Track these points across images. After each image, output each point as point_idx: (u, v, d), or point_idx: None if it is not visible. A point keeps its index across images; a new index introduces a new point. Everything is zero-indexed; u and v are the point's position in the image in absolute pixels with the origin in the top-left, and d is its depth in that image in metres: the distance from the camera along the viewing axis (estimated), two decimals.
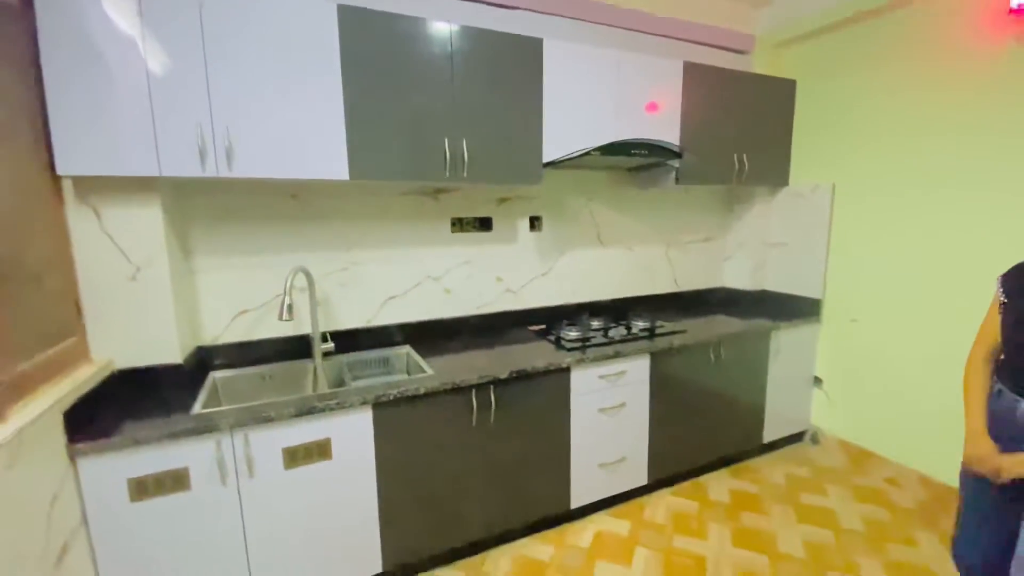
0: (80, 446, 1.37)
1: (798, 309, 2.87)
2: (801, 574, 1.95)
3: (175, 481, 1.48)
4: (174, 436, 1.45)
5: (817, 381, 2.90)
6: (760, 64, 2.98)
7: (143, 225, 1.67)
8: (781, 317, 2.75)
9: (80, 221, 1.60)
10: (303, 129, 1.71)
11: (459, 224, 2.42)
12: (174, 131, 1.55)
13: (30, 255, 1.40)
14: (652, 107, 2.36)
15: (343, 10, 1.72)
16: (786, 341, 2.71)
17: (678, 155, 2.36)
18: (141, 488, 1.44)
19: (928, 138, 2.33)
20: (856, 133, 2.63)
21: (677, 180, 2.47)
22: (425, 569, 1.97)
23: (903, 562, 2.02)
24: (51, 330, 1.47)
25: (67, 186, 1.57)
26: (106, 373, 1.64)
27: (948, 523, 2.11)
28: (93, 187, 1.60)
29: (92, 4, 1.44)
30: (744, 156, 2.67)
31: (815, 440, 2.94)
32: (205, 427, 1.48)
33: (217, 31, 1.57)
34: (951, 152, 2.27)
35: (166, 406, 1.60)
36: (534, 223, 2.59)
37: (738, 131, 2.65)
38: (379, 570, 1.83)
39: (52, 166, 1.47)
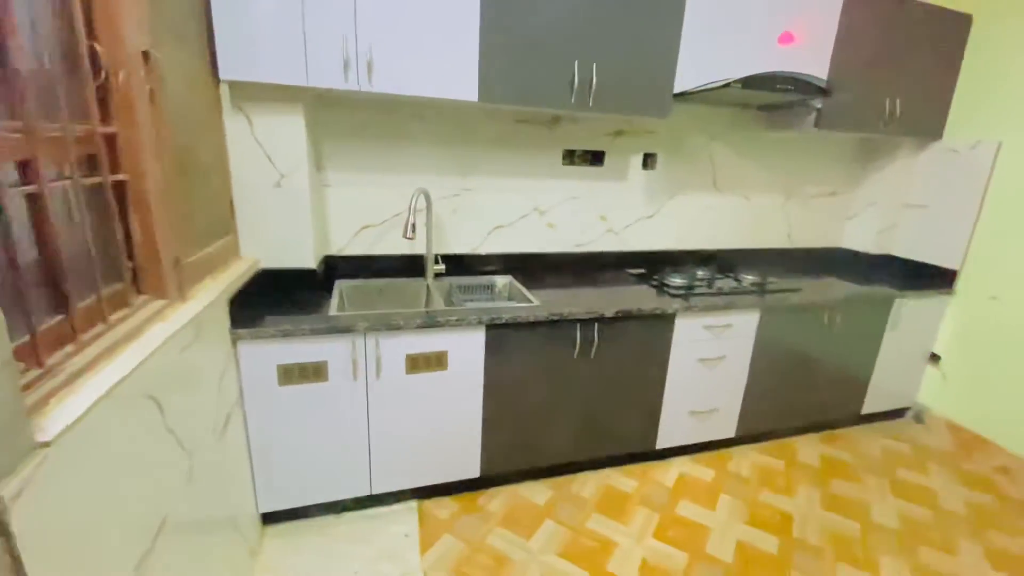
0: (241, 331, 1.54)
1: (927, 279, 2.61)
2: (894, 544, 1.91)
3: (316, 372, 1.64)
4: (318, 332, 1.60)
5: (934, 358, 2.68)
6: None
7: (288, 135, 1.75)
8: (905, 285, 2.52)
9: (235, 126, 1.70)
10: (439, 47, 1.69)
11: (571, 157, 2.35)
12: (322, 43, 1.58)
13: (202, 152, 1.52)
14: (787, 38, 2.10)
15: None
16: (907, 312, 2.49)
17: (826, 94, 2.11)
18: (288, 374, 1.62)
19: None
20: None
21: (817, 123, 2.24)
22: (515, 481, 2.11)
23: (1008, 551, 1.92)
24: (215, 225, 1.61)
25: (224, 91, 1.67)
26: (254, 271, 1.80)
27: None
28: (246, 94, 1.68)
29: None
30: (897, 101, 2.36)
31: (919, 419, 2.77)
32: (345, 327, 1.62)
33: None
34: None
35: (303, 306, 1.76)
36: (647, 160, 2.47)
37: (895, 71, 2.32)
38: (476, 475, 1.99)
39: (215, 71, 1.56)
